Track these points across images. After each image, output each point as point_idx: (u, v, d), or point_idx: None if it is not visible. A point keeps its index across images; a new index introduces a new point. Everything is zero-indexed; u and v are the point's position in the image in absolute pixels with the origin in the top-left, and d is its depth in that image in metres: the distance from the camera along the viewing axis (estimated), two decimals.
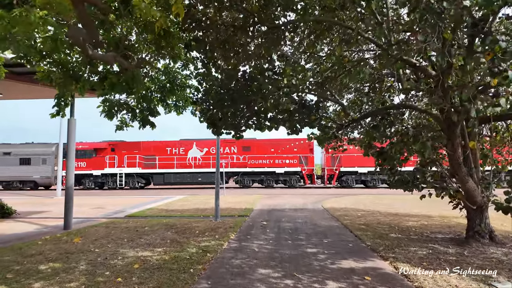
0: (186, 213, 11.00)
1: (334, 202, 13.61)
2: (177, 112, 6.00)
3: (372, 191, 19.83)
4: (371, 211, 10.63)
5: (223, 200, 14.47)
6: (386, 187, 22.62)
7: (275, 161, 22.85)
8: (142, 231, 7.79)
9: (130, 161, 23.36)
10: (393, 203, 12.95)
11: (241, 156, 23.29)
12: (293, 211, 11.13)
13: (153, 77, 5.30)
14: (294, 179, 22.82)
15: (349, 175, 22.26)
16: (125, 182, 23.47)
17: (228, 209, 11.63)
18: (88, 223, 9.12)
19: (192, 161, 23.38)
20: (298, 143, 23.25)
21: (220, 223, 8.61)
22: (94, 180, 23.73)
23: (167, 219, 9.62)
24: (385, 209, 11.02)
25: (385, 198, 14.95)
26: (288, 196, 16.73)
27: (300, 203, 13.60)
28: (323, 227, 7.94)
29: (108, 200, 15.65)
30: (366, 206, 11.95)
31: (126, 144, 24.19)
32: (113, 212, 11.58)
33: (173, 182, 23.19)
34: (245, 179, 23.10)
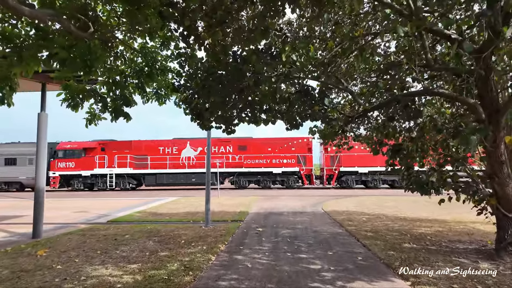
0: (175, 217, 10.07)
1: (335, 204, 12.74)
2: (159, 102, 5.07)
3: (373, 191, 19.01)
4: (376, 215, 9.76)
5: (217, 203, 13.56)
6: (387, 187, 21.92)
7: (272, 161, 21.96)
8: (121, 240, 6.85)
9: (121, 161, 22.34)
10: (398, 205, 12.10)
11: (236, 156, 22.36)
12: (292, 215, 10.23)
13: (127, 58, 4.38)
14: (292, 180, 21.94)
15: (349, 175, 21.42)
16: (116, 183, 22.46)
17: (221, 212, 10.71)
18: (63, 230, 8.16)
19: (186, 161, 22.42)
20: (296, 142, 22.36)
21: (211, 230, 7.69)
22: (83, 181, 22.69)
23: (153, 224, 8.68)
24: (392, 213, 10.16)
25: (388, 199, 14.11)
26: (286, 197, 15.84)
27: (299, 205, 12.71)
28: (325, 235, 7.05)
29: (94, 203, 14.67)
30: (370, 209, 11.09)
31: (117, 143, 23.18)
32: (96, 216, 10.62)
33: (166, 183, 22.22)
34: (241, 179, 22.18)
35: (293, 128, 5.42)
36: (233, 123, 5.64)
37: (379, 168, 20.89)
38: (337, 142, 7.03)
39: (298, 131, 5.97)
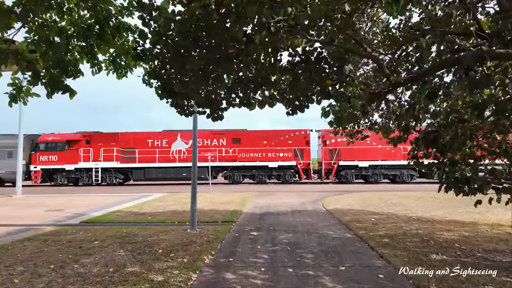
0: (158, 217, 8.90)
1: (336, 201, 11.65)
2: (118, 74, 3.86)
3: (374, 187, 18.01)
4: (386, 214, 8.69)
5: (208, 200, 12.39)
6: (388, 182, 20.90)
7: (267, 155, 20.79)
8: (87, 248, 5.67)
9: (107, 154, 20.98)
10: (405, 202, 11.06)
11: (230, 149, 21.14)
12: (291, 214, 9.11)
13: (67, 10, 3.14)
14: (288, 174, 20.82)
15: (349, 170, 20.37)
16: (102, 177, 21.12)
17: (211, 211, 9.55)
18: (24, 234, 6.94)
19: (176, 154, 21.14)
20: (293, 135, 21.19)
21: (196, 235, 6.53)
22: (67, 176, 21.31)
23: (131, 227, 7.49)
24: (402, 212, 9.09)
25: (392, 196, 13.08)
26: (283, 193, 14.73)
27: (298, 202, 11.61)
28: (333, 241, 5.94)
29: (74, 199, 13.40)
30: (376, 207, 10.02)
31: (103, 135, 21.78)
32: (70, 216, 9.39)
33: (155, 178, 20.95)
34: (235, 174, 21.00)
35: (295, 111, 4.24)
36: (220, 107, 4.44)
37: (380, 162, 19.89)
38: (349, 131, 5.85)
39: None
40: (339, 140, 20.46)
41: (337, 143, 20.55)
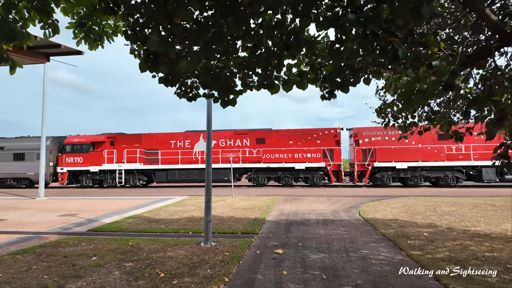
0: (173, 225, 7.96)
1: (375, 209, 10.14)
2: (89, 43, 2.85)
3: (415, 191, 16.08)
4: (439, 227, 7.14)
5: (229, 205, 11.35)
6: (430, 185, 18.79)
7: (294, 156, 19.43)
8: (80, 267, 4.77)
9: (130, 156, 20.69)
10: (459, 211, 9.33)
11: (254, 150, 20.04)
12: (322, 224, 7.80)
13: None
14: (317, 177, 19.33)
15: (384, 172, 18.50)
16: (125, 179, 20.87)
17: (231, 219, 8.47)
18: (23, 245, 6.25)
19: (199, 155, 20.40)
20: (321, 134, 19.69)
21: (210, 251, 5.45)
22: (91, 177, 21.30)
23: (138, 238, 6.58)
24: (459, 224, 7.47)
25: (440, 202, 11.30)
26: (312, 198, 13.36)
27: (329, 209, 10.24)
28: (381, 266, 4.59)
29: (91, 203, 12.92)
30: (425, 217, 8.43)
31: (126, 136, 21.55)
32: (80, 222, 8.72)
33: (178, 180, 20.31)
34: (259, 176, 19.86)
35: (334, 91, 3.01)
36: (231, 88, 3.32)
37: (420, 163, 17.86)
38: (402, 123, 4.47)
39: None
40: (373, 139, 18.73)
41: (371, 142, 18.79)
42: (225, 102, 3.38)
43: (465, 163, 17.47)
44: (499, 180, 17.35)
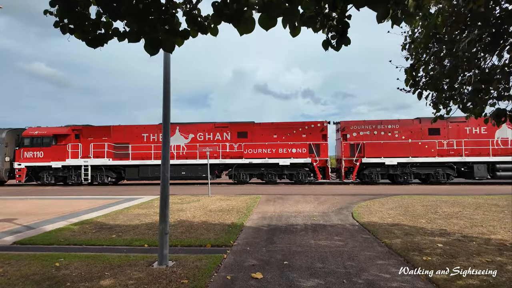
0: (127, 234, 6.38)
1: (369, 210, 8.90)
2: None
3: (406, 189, 15.07)
4: (451, 234, 5.92)
5: (203, 206, 9.82)
6: (419, 182, 17.91)
7: (278, 151, 18.04)
8: None
9: (98, 150, 18.66)
10: (463, 212, 8.23)
11: (235, 145, 18.51)
12: (312, 232, 6.44)
13: None
14: (302, 173, 18.04)
15: (373, 168, 17.43)
16: (92, 176, 18.84)
17: (202, 226, 6.97)
18: None
19: (175, 150, 18.64)
20: (307, 128, 18.40)
21: (161, 278, 3.94)
22: (54, 174, 19.11)
23: (73, 256, 4.96)
24: (474, 230, 6.29)
25: (438, 201, 10.24)
26: (297, 197, 12.02)
27: (317, 211, 8.91)
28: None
29: (42, 204, 11.03)
30: (430, 220, 7.24)
31: (93, 129, 19.46)
32: (13, 230, 7.00)
33: (151, 177, 18.51)
34: (240, 173, 18.36)
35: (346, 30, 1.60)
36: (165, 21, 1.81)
37: (410, 159, 16.90)
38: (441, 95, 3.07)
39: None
40: (361, 133, 17.63)
41: (360, 137, 17.67)
42: (152, 47, 1.87)
43: (457, 159, 16.65)
44: (490, 177, 16.64)
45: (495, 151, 16.58)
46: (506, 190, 13.42)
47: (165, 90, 4.78)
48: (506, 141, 16.63)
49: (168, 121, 4.83)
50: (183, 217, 8.14)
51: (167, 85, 4.80)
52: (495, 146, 16.65)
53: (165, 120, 4.82)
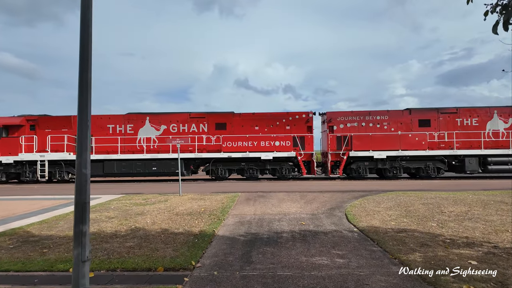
0: (55, 251, 4.71)
1: (364, 211, 7.59)
2: None
3: (397, 184, 14.01)
4: (478, 245, 4.65)
5: (168, 208, 8.17)
6: (408, 177, 16.93)
7: (260, 144, 16.56)
8: None
9: (56, 143, 16.48)
10: (473, 212, 7.09)
11: (213, 137, 16.86)
12: (301, 242, 4.99)
13: None
14: (286, 168, 16.66)
15: (361, 162, 16.31)
16: (50, 172, 16.66)
17: (160, 236, 5.36)
18: None
19: (144, 143, 16.74)
20: (291, 119, 17.00)
21: None
22: (5, 171, 16.76)
23: None
24: (501, 237, 5.07)
25: (437, 198, 9.13)
26: (281, 195, 10.59)
27: (305, 212, 7.51)
28: None
29: None
30: (440, 224, 5.98)
31: (51, 119, 17.18)
32: None
33: (117, 173, 16.55)
34: (218, 168, 16.75)
35: None
36: None
37: (400, 152, 15.88)
38: None
39: None
40: (349, 125, 16.44)
41: (347, 128, 16.48)
42: None
43: (448, 152, 15.79)
44: (481, 171, 15.91)
45: (487, 144, 15.86)
46: (500, 185, 12.64)
47: (83, 41, 3.09)
48: (497, 133, 15.94)
49: (87, 91, 3.15)
50: (140, 223, 6.49)
51: (87, 36, 3.10)
52: (487, 139, 15.92)
53: (84, 90, 3.14)
